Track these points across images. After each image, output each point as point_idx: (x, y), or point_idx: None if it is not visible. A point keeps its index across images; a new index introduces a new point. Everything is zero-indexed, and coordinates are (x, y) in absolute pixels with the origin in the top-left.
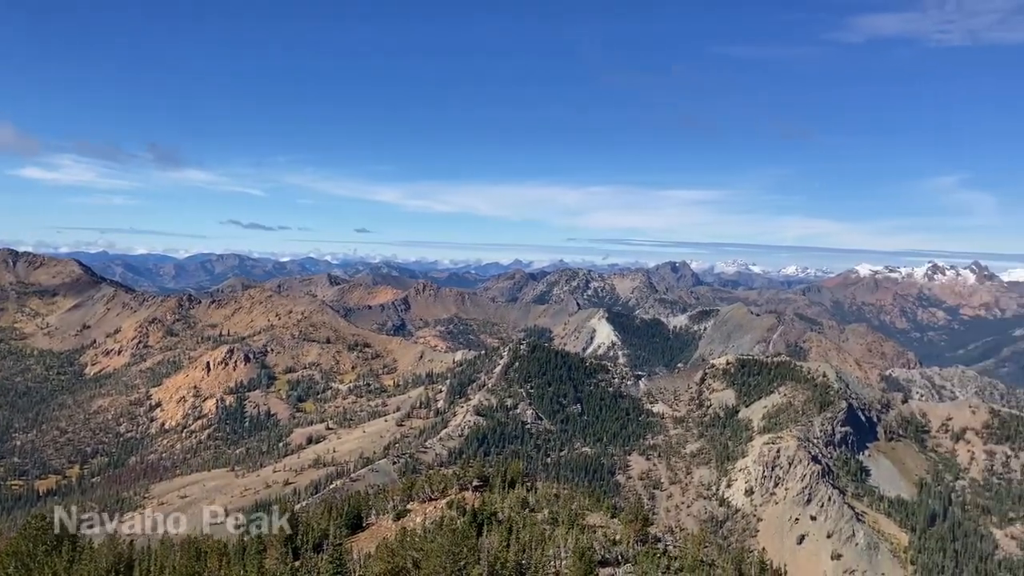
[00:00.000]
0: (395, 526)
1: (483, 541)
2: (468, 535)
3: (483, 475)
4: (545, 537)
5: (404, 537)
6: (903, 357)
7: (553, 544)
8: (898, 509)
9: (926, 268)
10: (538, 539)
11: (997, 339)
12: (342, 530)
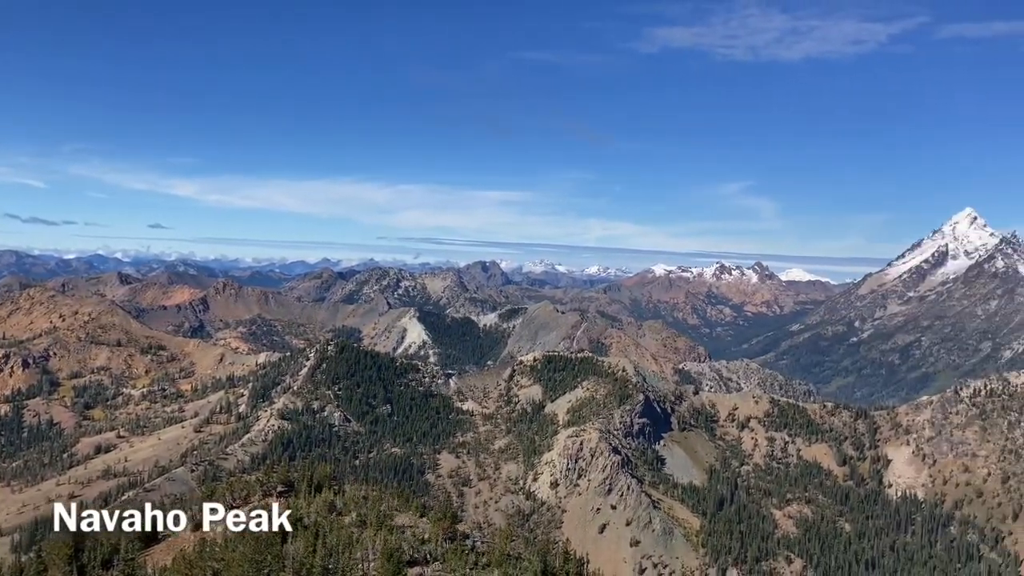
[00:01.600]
0: (194, 537)
1: (288, 548)
2: (272, 542)
3: (288, 480)
4: (353, 540)
5: (203, 548)
6: (695, 351)
7: (361, 547)
8: (691, 495)
9: (714, 268)
10: (345, 543)
11: (776, 334)
12: (135, 543)
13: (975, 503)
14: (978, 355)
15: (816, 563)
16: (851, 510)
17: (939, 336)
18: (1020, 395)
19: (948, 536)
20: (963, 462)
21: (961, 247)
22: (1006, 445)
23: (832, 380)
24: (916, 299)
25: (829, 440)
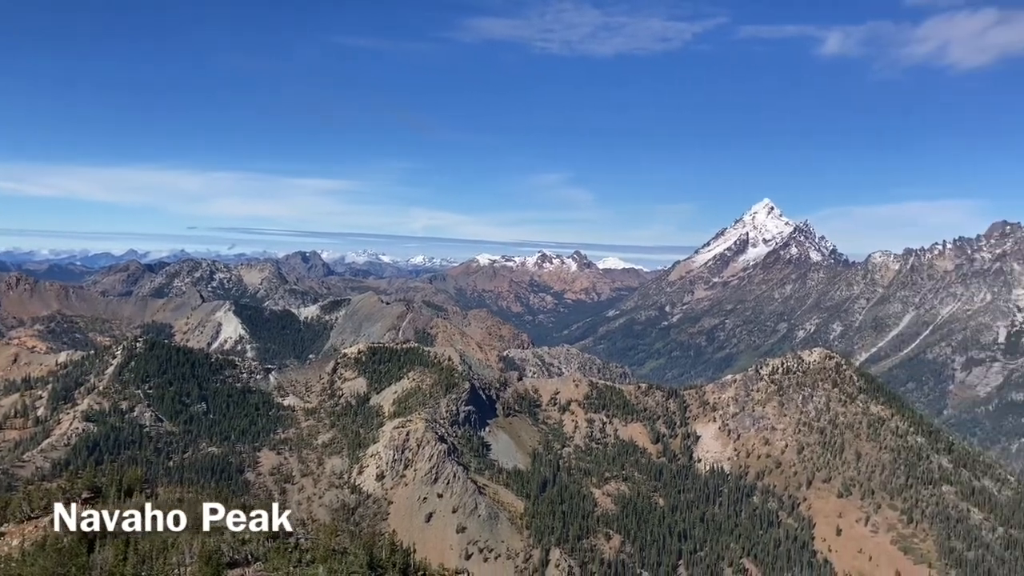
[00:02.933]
0: None
1: (95, 557)
2: (78, 552)
3: (95, 486)
4: (168, 545)
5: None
6: (518, 339)
7: (177, 551)
8: (515, 479)
9: (537, 257)
10: (159, 548)
11: (594, 320)
12: None
13: (774, 473)
14: (775, 335)
15: (633, 538)
16: (664, 485)
17: (741, 319)
18: (812, 372)
19: (751, 505)
20: (764, 435)
21: (760, 235)
22: (800, 418)
23: (646, 362)
24: (720, 284)
25: (644, 419)
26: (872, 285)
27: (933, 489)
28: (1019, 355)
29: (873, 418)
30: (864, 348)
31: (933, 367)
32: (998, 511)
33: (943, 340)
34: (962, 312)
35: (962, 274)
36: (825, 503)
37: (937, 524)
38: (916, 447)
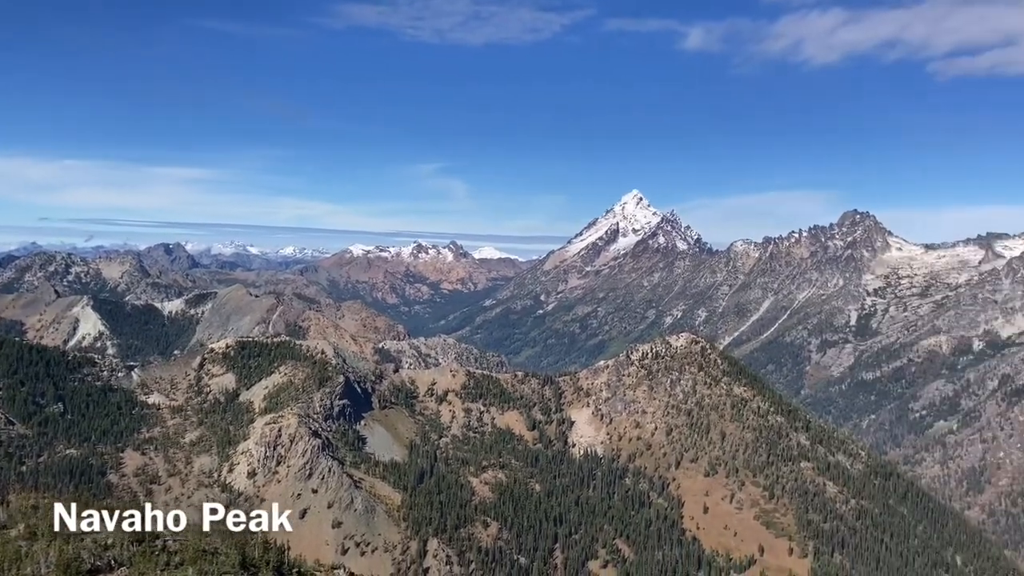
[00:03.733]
0: None
1: None
2: None
3: None
4: (21, 555)
5: None
6: (394, 330)
7: (32, 561)
8: (392, 471)
9: (412, 248)
10: (12, 558)
11: (471, 309)
12: None
13: (645, 455)
14: (645, 322)
15: (510, 524)
16: (541, 471)
17: (613, 306)
18: (680, 356)
19: (624, 487)
20: (635, 419)
21: (630, 225)
22: (669, 401)
23: (522, 351)
24: (593, 273)
25: (520, 407)
26: (734, 272)
27: (792, 465)
28: (869, 337)
29: (736, 399)
30: (727, 332)
31: (791, 349)
32: (851, 484)
33: (800, 324)
34: (817, 297)
35: (817, 261)
36: (693, 482)
37: (796, 499)
38: (776, 426)
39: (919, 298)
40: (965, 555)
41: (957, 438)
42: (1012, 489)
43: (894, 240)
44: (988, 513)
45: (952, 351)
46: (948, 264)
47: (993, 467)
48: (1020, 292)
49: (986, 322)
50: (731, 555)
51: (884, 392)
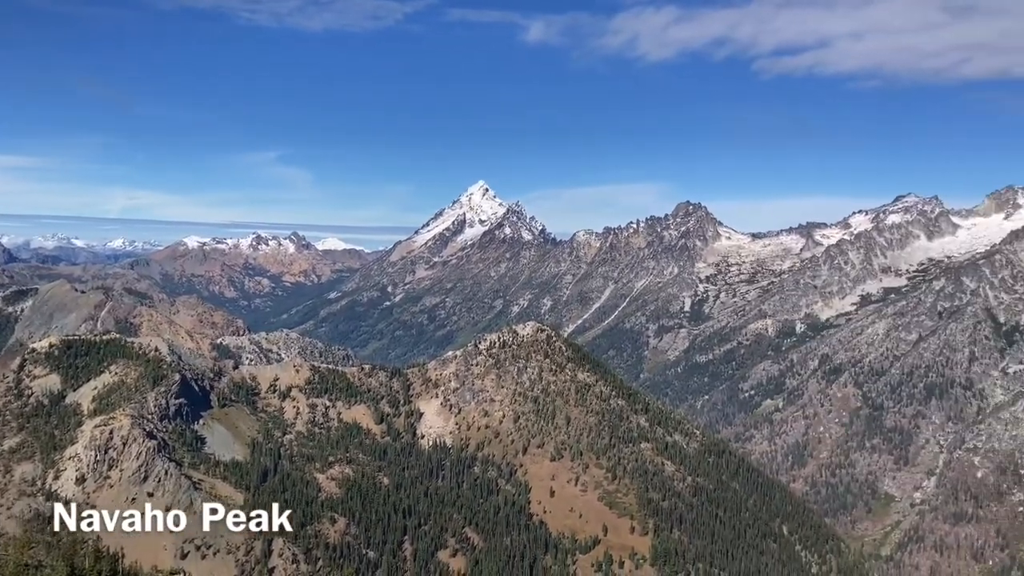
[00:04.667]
0: None
1: None
2: None
3: None
4: None
5: None
6: (233, 325)
7: None
8: (234, 471)
9: (251, 239)
10: None
11: (315, 302)
12: None
13: (494, 443)
14: (492, 312)
15: (358, 519)
16: (389, 464)
17: (461, 296)
18: (526, 344)
19: (473, 476)
20: (483, 408)
21: (476, 216)
22: (516, 389)
23: (369, 344)
24: (440, 264)
25: (368, 401)
26: (577, 262)
27: (633, 447)
28: (702, 322)
29: (580, 384)
30: (571, 320)
31: (631, 335)
32: (687, 462)
33: (639, 310)
34: (654, 285)
35: (654, 250)
36: (540, 467)
37: (637, 478)
38: (618, 409)
39: (747, 284)
40: (791, 525)
41: (782, 415)
42: (831, 461)
43: (724, 230)
44: (810, 484)
45: (777, 333)
46: (773, 252)
47: (815, 441)
48: (837, 278)
49: (807, 306)
50: (576, 536)
51: (716, 374)
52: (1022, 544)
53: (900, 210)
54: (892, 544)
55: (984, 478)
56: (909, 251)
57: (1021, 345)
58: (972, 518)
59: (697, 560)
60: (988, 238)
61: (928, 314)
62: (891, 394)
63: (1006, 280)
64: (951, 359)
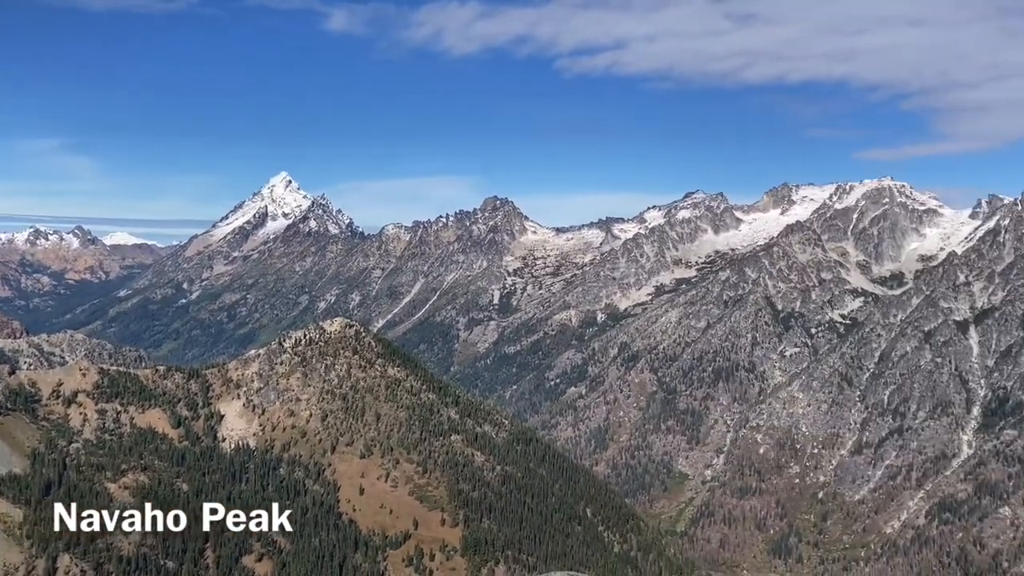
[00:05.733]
0: None
1: None
2: None
3: None
4: None
5: None
6: (9, 327)
7: None
8: (11, 486)
9: (28, 233)
10: None
11: (103, 301)
12: None
13: (300, 443)
14: (298, 308)
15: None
16: (188, 470)
17: (264, 293)
18: (334, 341)
19: (278, 477)
20: (289, 407)
21: (279, 209)
22: (324, 387)
23: (163, 344)
24: (241, 259)
25: (163, 404)
26: (386, 256)
27: (444, 440)
28: (510, 314)
29: (390, 380)
30: (381, 315)
31: (441, 329)
32: (496, 452)
33: (449, 304)
34: (464, 278)
35: (463, 244)
36: (349, 465)
37: (448, 471)
38: (428, 403)
39: (552, 277)
40: (594, 507)
41: (586, 402)
42: (630, 444)
43: (530, 224)
44: (612, 467)
45: (580, 323)
46: (575, 246)
47: (615, 425)
48: (634, 270)
49: (607, 296)
50: (387, 533)
51: (524, 364)
52: (799, 513)
53: (690, 206)
54: (686, 520)
55: (766, 454)
56: (698, 244)
57: (796, 330)
58: (756, 491)
59: (506, 548)
60: (767, 232)
61: (715, 303)
62: (683, 378)
63: (783, 270)
64: (736, 344)
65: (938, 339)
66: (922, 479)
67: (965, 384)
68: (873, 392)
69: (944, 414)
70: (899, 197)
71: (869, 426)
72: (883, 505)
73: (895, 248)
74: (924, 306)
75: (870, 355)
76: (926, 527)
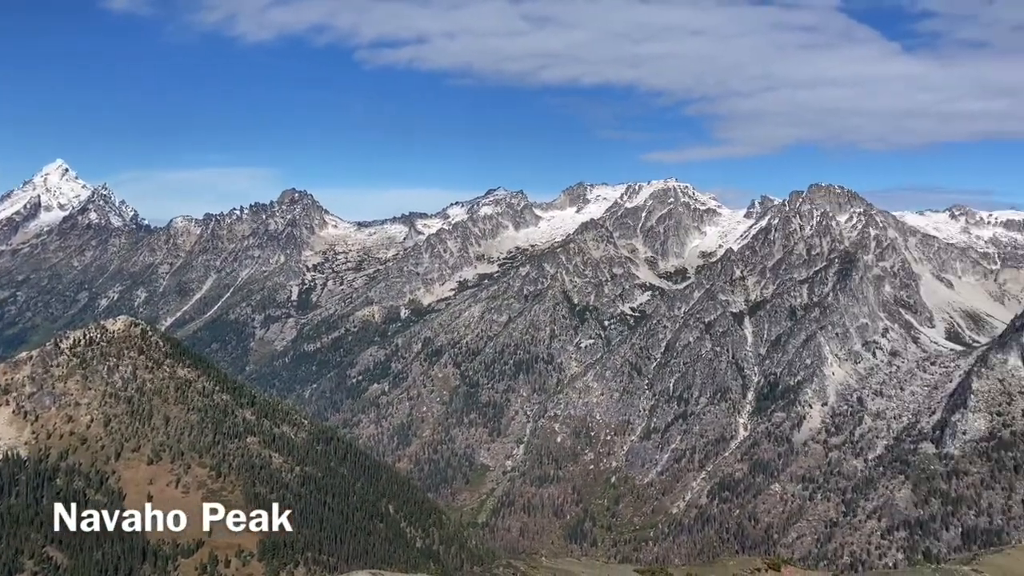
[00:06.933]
0: None
1: None
2: None
3: None
4: None
5: None
6: None
7: None
8: None
9: None
10: None
11: None
12: None
13: (80, 450)
14: (76, 306)
15: None
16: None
17: (37, 290)
18: (118, 341)
19: (55, 488)
20: (67, 413)
21: (55, 199)
22: (107, 390)
23: None
24: (10, 253)
25: None
26: (175, 250)
27: (239, 442)
28: (310, 310)
29: (180, 381)
30: (170, 313)
31: (236, 327)
32: (295, 453)
33: (244, 300)
34: (260, 274)
35: (259, 238)
36: (136, 472)
37: (243, 474)
38: (222, 404)
39: (354, 272)
40: (396, 503)
41: (389, 398)
42: (433, 439)
43: (331, 218)
44: (415, 462)
45: (383, 319)
46: (378, 241)
47: (418, 421)
48: (437, 265)
49: (411, 292)
50: (178, 541)
51: (325, 361)
52: (593, 498)
53: (491, 203)
54: (487, 511)
55: (563, 442)
56: (500, 240)
57: (590, 323)
58: (553, 479)
59: (306, 549)
60: (564, 229)
61: (516, 297)
62: (485, 371)
63: (578, 266)
64: (535, 337)
65: (717, 330)
66: (704, 461)
67: (741, 371)
68: (660, 380)
69: (723, 399)
70: (683, 197)
71: (656, 412)
72: (669, 487)
73: (679, 245)
74: (704, 299)
75: (657, 345)
76: (708, 505)
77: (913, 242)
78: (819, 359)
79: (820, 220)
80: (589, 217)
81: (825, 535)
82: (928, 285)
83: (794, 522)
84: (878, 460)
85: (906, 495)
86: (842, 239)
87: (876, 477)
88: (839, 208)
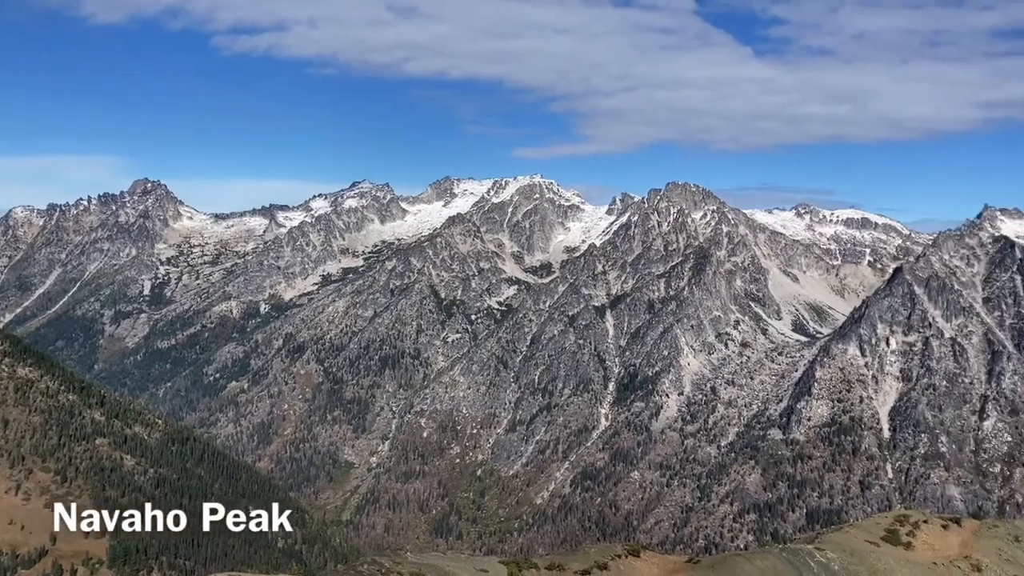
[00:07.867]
0: None
1: None
2: None
3: None
4: None
5: None
6: None
7: None
8: None
9: None
10: None
11: None
12: None
13: None
14: None
15: None
16: None
17: None
18: None
19: None
20: None
21: None
22: None
23: None
24: None
25: None
26: (14, 242)
27: (87, 444)
28: (164, 306)
29: (21, 381)
30: (9, 309)
31: (83, 323)
32: (148, 454)
33: (92, 296)
34: (110, 267)
35: (109, 230)
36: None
37: (92, 478)
38: (68, 405)
39: (211, 266)
40: (256, 504)
41: (248, 396)
42: (295, 436)
43: (186, 210)
44: (276, 461)
45: (242, 315)
46: (237, 233)
47: (280, 419)
48: (300, 259)
49: (271, 287)
50: (18, 551)
51: (180, 359)
52: (459, 491)
53: (356, 195)
54: (352, 508)
55: (429, 437)
56: (365, 233)
57: (458, 317)
58: (419, 474)
59: (161, 554)
60: (431, 223)
61: (382, 292)
62: (350, 367)
63: (445, 260)
64: (402, 332)
65: (580, 323)
66: (567, 451)
67: (603, 363)
68: (526, 373)
69: (586, 391)
70: (548, 193)
71: (522, 405)
72: (534, 477)
73: (544, 240)
74: (568, 293)
75: (523, 339)
76: (571, 495)
77: (762, 238)
78: (675, 350)
79: (677, 217)
80: (456, 211)
81: (681, 520)
82: (776, 279)
83: (652, 508)
84: (730, 446)
85: (756, 479)
86: (697, 235)
87: (728, 463)
88: (694, 206)
